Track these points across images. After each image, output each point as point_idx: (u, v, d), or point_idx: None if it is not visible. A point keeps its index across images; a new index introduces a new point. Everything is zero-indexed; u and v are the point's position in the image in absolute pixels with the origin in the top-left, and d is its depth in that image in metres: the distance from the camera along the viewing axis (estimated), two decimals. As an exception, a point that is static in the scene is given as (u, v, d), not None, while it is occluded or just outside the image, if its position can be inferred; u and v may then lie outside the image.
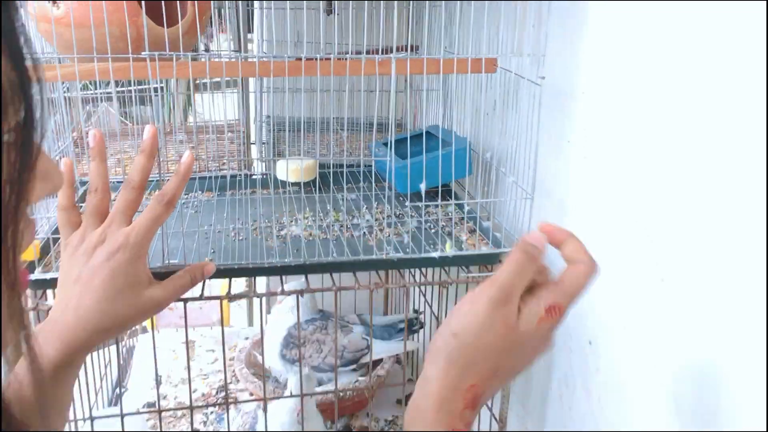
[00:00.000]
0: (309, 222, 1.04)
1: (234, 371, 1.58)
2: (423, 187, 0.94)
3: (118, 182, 1.24)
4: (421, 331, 1.59)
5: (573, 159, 0.87)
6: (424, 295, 1.39)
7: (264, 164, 1.29)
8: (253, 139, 1.53)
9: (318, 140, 1.39)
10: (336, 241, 0.96)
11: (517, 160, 0.90)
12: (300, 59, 0.83)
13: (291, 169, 1.15)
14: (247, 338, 1.78)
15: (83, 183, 1.18)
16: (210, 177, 1.22)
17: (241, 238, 0.97)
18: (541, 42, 0.81)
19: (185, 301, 0.85)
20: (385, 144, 1.21)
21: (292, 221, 1.03)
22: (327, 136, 1.52)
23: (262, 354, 1.47)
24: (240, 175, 1.22)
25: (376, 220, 1.04)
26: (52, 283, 0.80)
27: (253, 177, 1.23)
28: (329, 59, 0.86)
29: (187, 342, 0.92)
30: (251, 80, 1.52)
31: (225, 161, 1.34)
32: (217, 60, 0.80)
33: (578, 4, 0.83)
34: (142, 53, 0.76)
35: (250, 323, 2.00)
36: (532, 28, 0.89)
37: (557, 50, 0.86)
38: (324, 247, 0.92)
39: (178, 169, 0.73)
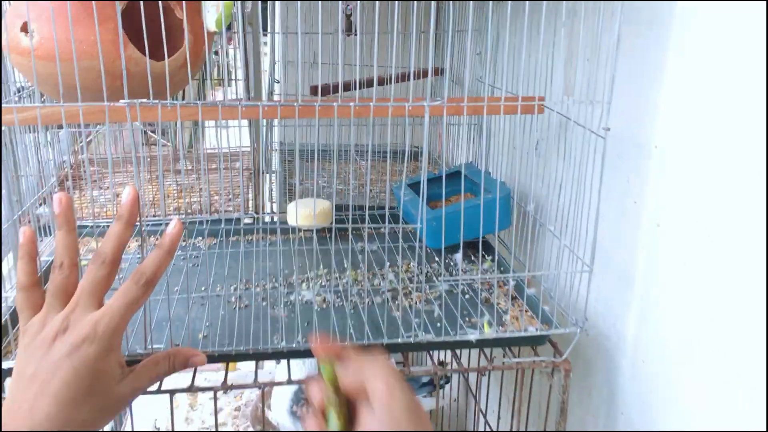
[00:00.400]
0: (323, 281, 0.90)
1: (238, 426, 1.45)
2: (459, 257, 0.80)
3: (107, 224, 1.12)
4: (447, 386, 1.45)
5: (642, 225, 0.73)
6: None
7: (273, 204, 1.16)
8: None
9: (335, 171, 1.26)
10: (353, 310, 0.82)
11: (568, 218, 0.76)
12: (313, 102, 0.70)
13: (302, 215, 1.01)
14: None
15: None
16: (212, 220, 1.09)
17: (242, 305, 0.83)
18: (605, 86, 0.67)
19: (171, 393, 0.72)
20: (412, 185, 1.08)
21: (303, 281, 0.90)
22: (345, 167, 1.39)
23: (265, 405, 1.34)
24: (246, 217, 1.09)
25: (401, 280, 0.90)
26: (10, 374, 0.67)
27: (261, 220, 1.10)
28: (348, 106, 0.72)
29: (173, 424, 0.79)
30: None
31: (230, 199, 1.21)
32: (209, 105, 0.66)
33: (656, 41, 0.69)
34: (120, 101, 0.63)
35: (261, 365, 1.87)
36: (587, 62, 0.75)
37: (625, 93, 0.72)
38: (340, 319, 0.79)
39: (162, 242, 0.60)
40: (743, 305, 0.57)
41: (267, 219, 1.15)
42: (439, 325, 0.78)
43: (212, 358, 0.71)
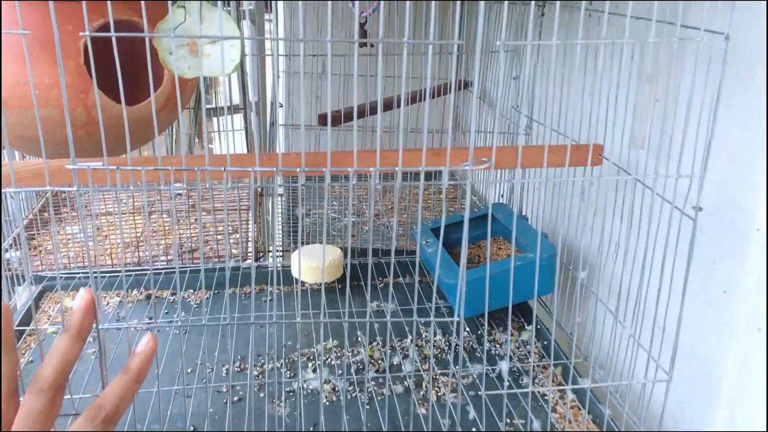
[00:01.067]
0: (332, 358, 0.77)
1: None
2: (506, 368, 0.67)
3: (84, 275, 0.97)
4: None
5: (736, 322, 0.58)
6: None
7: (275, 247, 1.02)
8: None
9: (351, 198, 1.12)
10: (369, 405, 0.69)
11: (635, 299, 0.62)
12: (321, 167, 0.56)
13: (308, 268, 0.88)
14: None
15: (39, 279, 0.92)
16: (206, 268, 0.95)
17: (236, 398, 0.70)
18: (696, 152, 0.52)
19: None
20: (435, 230, 0.94)
21: (308, 360, 0.77)
22: (360, 189, 1.25)
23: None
24: (244, 265, 0.95)
25: (425, 357, 0.76)
26: None
27: (262, 269, 0.97)
28: (373, 152, 0.58)
29: None
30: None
31: (222, 239, 1.07)
32: (183, 169, 0.51)
33: (761, 89, 0.54)
34: (67, 166, 0.49)
35: None
36: (662, 111, 0.60)
37: (714, 155, 0.58)
38: (353, 420, 0.65)
39: (129, 366, 0.47)
40: None
41: (268, 261, 1.02)
42: (475, 430, 0.65)
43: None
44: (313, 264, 0.88)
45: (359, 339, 0.80)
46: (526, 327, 0.82)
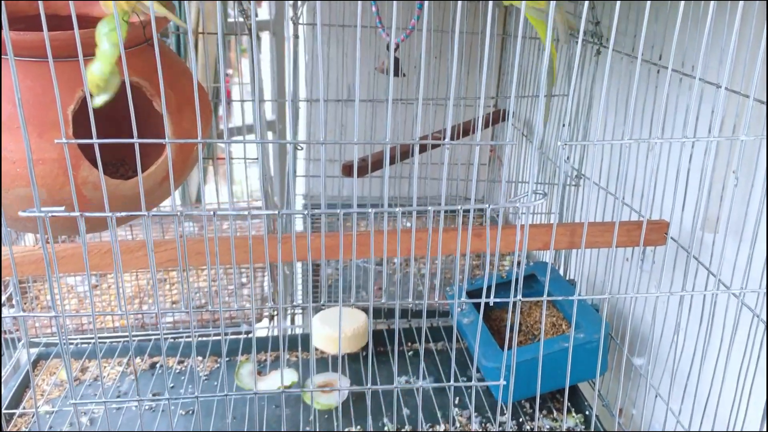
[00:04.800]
0: (354, 449, 0.71)
1: None
2: None
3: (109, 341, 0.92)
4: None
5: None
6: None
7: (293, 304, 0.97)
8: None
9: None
10: None
11: (695, 394, 0.56)
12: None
13: (330, 338, 0.82)
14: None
15: (34, 344, 0.88)
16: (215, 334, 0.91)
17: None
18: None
19: None
20: (472, 293, 0.88)
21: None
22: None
23: None
24: (259, 329, 0.91)
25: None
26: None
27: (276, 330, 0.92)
28: (391, 233, 0.53)
29: None
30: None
31: (232, 293, 1.02)
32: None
33: None
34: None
35: None
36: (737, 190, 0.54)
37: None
38: None
39: None
40: None
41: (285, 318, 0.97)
42: None
43: None
44: (335, 334, 0.82)
45: (384, 425, 0.75)
46: (573, 414, 0.76)
